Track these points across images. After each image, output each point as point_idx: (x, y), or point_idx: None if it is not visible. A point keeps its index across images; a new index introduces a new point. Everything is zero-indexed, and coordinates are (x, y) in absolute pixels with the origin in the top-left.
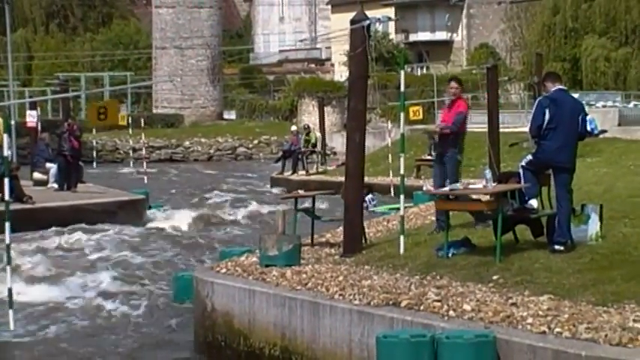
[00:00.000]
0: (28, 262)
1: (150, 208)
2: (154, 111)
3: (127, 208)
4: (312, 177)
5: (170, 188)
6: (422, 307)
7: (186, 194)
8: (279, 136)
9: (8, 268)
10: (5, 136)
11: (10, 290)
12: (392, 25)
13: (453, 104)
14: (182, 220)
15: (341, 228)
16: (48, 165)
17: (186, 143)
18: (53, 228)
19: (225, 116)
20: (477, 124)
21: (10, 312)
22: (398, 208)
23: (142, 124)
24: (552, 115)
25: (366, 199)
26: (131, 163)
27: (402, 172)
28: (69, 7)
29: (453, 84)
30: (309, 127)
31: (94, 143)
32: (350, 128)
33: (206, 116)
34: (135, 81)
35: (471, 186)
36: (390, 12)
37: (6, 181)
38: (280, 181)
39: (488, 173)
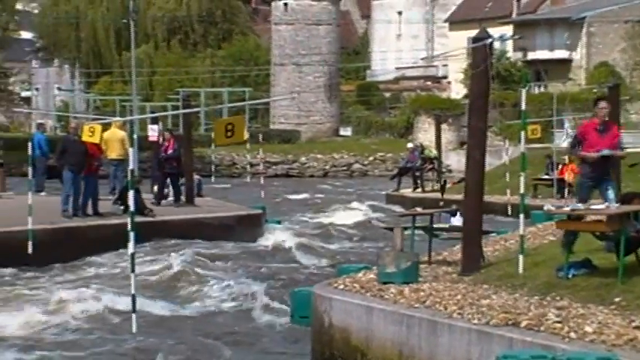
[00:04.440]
0: (147, 272)
1: (267, 222)
2: (271, 127)
3: (244, 222)
4: (429, 194)
5: (285, 203)
6: (542, 328)
7: (302, 209)
8: (394, 153)
9: (132, 275)
10: (131, 150)
11: (133, 296)
12: (510, 43)
13: (607, 127)
14: (299, 234)
15: (458, 246)
16: None
17: (303, 159)
18: (172, 240)
19: (341, 132)
20: None
21: (133, 316)
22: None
23: (260, 140)
24: None
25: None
26: (248, 177)
27: (522, 191)
28: (190, 23)
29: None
30: (421, 145)
31: (212, 158)
32: (470, 146)
33: (322, 132)
34: (253, 97)
35: (592, 206)
36: (509, 30)
37: (131, 193)
38: (396, 198)
39: (611, 194)
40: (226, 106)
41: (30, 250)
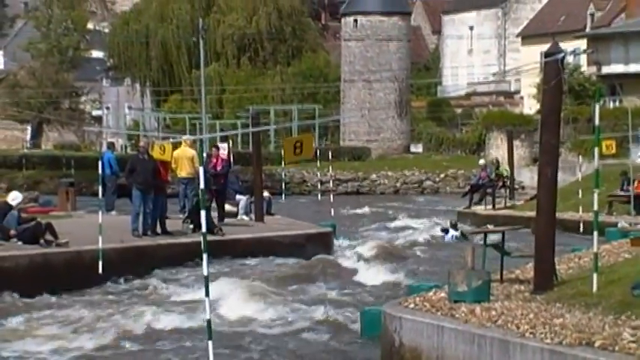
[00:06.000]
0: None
1: (337, 239)
2: (342, 144)
3: (314, 240)
4: (500, 212)
5: (356, 220)
6: (616, 348)
7: (373, 226)
8: (466, 169)
9: (207, 300)
10: (201, 168)
11: (209, 322)
12: (583, 57)
13: None
14: (369, 253)
15: (531, 264)
16: (238, 197)
17: (373, 176)
18: (242, 259)
19: (412, 149)
20: None
21: (210, 343)
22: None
23: (330, 157)
24: None
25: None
26: (319, 195)
27: (595, 208)
28: (259, 40)
29: None
30: (498, 161)
31: (283, 175)
32: (542, 163)
33: (393, 149)
34: (323, 114)
35: None
36: (583, 44)
37: (202, 213)
38: (467, 215)
39: None
40: (296, 124)
41: (100, 269)
